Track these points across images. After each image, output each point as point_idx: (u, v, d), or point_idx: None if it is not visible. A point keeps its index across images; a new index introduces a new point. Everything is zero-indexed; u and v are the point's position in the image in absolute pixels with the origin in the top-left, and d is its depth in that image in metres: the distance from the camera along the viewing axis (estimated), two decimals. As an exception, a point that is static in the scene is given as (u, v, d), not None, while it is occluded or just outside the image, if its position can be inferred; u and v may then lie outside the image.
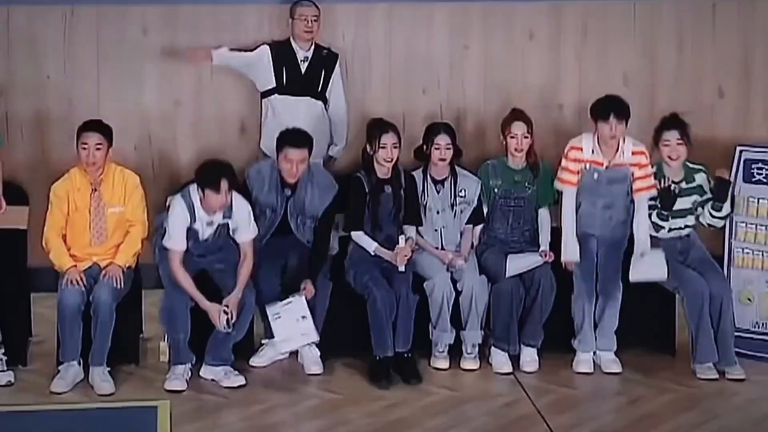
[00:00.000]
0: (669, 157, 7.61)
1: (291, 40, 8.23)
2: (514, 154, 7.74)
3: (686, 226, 7.70)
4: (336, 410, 6.99)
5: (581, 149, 7.59)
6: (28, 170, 8.32)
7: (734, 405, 7.19)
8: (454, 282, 7.62)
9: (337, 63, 8.32)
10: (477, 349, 7.65)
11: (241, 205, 7.37)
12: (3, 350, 7.30)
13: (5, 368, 7.28)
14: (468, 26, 8.91)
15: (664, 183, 7.57)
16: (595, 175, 7.56)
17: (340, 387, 7.30)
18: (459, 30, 8.89)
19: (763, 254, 7.82)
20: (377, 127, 7.66)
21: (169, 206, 7.47)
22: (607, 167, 7.56)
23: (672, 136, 7.60)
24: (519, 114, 7.83)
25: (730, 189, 7.63)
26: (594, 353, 7.65)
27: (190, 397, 7.18)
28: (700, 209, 7.69)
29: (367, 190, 7.59)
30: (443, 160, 7.69)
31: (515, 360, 7.64)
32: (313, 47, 8.26)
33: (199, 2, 8.57)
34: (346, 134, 8.34)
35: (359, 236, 7.59)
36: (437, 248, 7.70)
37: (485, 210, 7.78)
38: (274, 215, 7.55)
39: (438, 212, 7.71)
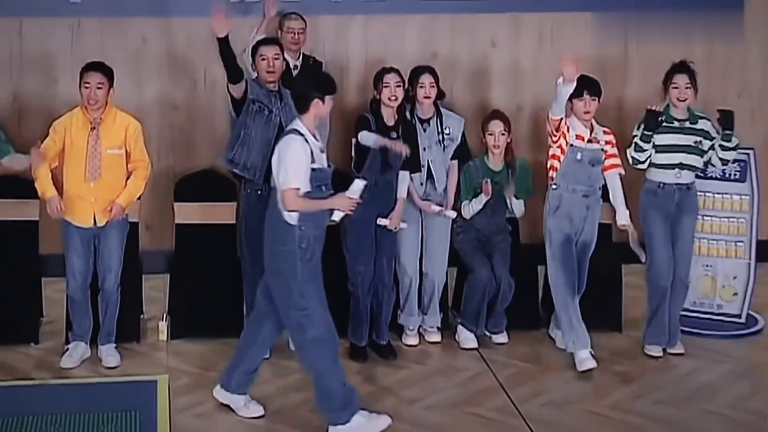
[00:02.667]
0: (677, 99, 7.66)
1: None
2: (493, 152, 7.90)
3: (683, 165, 7.69)
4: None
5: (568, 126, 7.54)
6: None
7: (674, 377, 7.52)
8: (421, 261, 7.91)
9: (322, 70, 8.51)
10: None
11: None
12: None
13: None
14: (436, 35, 9.25)
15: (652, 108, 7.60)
16: (579, 155, 7.51)
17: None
18: (428, 39, 9.23)
19: (699, 240, 8.29)
20: (381, 71, 7.67)
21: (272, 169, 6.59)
22: (589, 140, 7.52)
23: (681, 79, 7.65)
24: (497, 113, 8.04)
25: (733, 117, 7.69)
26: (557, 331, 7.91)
27: (186, 371, 7.46)
28: (711, 152, 7.72)
29: (374, 129, 7.53)
30: (428, 97, 7.75)
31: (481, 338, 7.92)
32: (301, 56, 8.52)
33: (192, 15, 8.77)
34: (327, 136, 8.41)
35: (363, 135, 7.47)
36: (426, 180, 7.86)
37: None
38: (271, 114, 7.41)
39: (425, 149, 7.79)
